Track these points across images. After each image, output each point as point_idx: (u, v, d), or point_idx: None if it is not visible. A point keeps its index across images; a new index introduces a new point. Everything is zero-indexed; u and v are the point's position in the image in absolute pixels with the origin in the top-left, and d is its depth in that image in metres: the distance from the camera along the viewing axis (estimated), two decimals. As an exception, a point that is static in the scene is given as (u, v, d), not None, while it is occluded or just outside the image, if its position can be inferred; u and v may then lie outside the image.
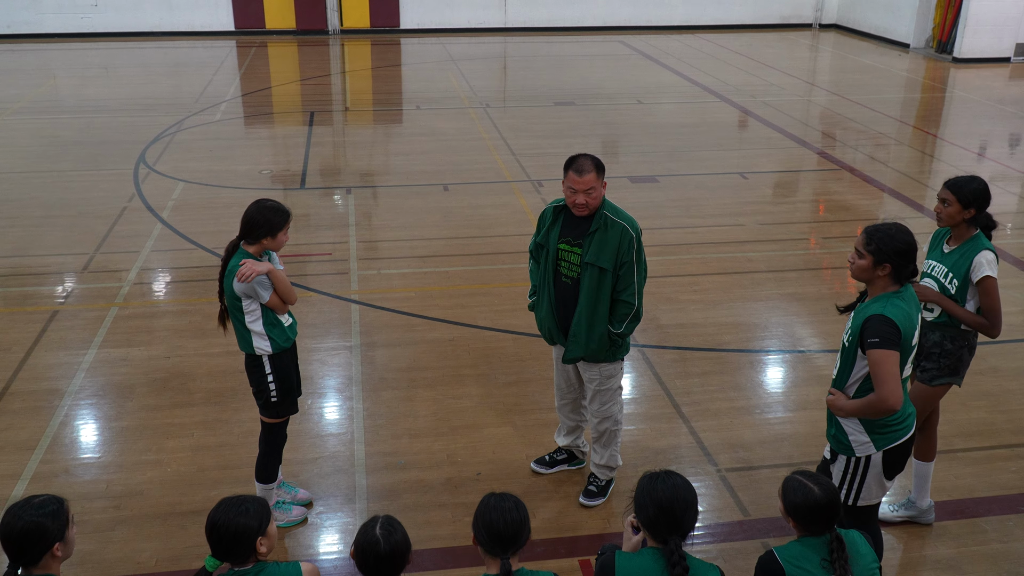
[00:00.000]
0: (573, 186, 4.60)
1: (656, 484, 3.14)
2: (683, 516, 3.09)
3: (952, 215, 4.53)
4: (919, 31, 21.65)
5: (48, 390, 6.41)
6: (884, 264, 3.77)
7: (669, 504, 3.08)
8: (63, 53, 20.64)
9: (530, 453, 5.69)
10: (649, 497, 3.13)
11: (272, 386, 4.75)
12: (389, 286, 8.18)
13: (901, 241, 3.77)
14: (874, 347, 3.70)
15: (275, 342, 4.69)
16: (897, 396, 3.71)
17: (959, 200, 4.50)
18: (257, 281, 4.51)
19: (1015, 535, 4.99)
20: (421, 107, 15.48)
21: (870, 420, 3.88)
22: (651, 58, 20.44)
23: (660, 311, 7.63)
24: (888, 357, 3.69)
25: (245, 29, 23.23)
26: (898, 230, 3.81)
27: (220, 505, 3.15)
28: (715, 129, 14.06)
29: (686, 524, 3.10)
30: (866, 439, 3.90)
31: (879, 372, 3.71)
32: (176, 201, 10.39)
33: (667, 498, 3.09)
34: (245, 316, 4.61)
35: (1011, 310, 7.81)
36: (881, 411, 3.77)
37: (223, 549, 3.10)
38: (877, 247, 3.77)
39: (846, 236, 9.51)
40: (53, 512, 3.06)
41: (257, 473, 4.95)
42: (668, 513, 3.08)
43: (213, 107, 15.17)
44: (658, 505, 3.10)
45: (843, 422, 3.95)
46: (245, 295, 4.55)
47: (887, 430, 3.89)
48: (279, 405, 4.83)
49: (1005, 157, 12.84)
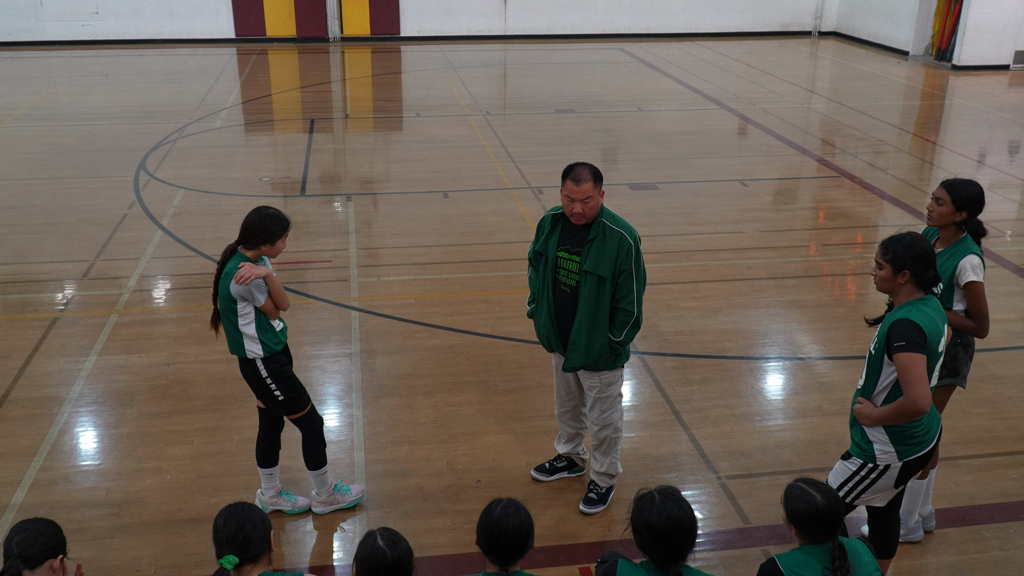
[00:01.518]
0: (570, 195, 4.62)
1: (651, 511, 3.07)
2: (680, 544, 3.05)
3: (944, 215, 4.54)
4: (918, 39, 21.69)
5: (48, 397, 6.40)
6: (903, 272, 3.83)
7: (664, 534, 3.04)
8: (64, 60, 20.68)
9: (530, 460, 5.68)
10: (643, 524, 3.08)
11: (273, 386, 4.80)
12: (389, 293, 8.18)
13: (918, 248, 3.82)
14: (901, 350, 3.73)
15: (267, 345, 4.72)
16: (927, 398, 3.72)
17: (953, 201, 4.51)
18: (254, 284, 4.55)
19: (1016, 543, 4.98)
20: (421, 114, 15.50)
21: (897, 430, 3.89)
22: (651, 65, 20.48)
23: (660, 318, 7.63)
24: (916, 360, 3.71)
25: (246, 37, 23.28)
26: (914, 238, 3.87)
27: (231, 508, 3.14)
28: (715, 136, 14.08)
29: (684, 550, 3.08)
30: (890, 449, 3.91)
31: (907, 375, 3.73)
32: (176, 208, 10.40)
33: (661, 527, 3.04)
34: (239, 319, 4.64)
35: (1011, 317, 7.81)
36: (911, 414, 3.78)
37: (252, 542, 3.08)
38: (894, 256, 3.83)
39: (846, 243, 9.51)
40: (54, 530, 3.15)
41: (307, 462, 5.06)
42: (664, 543, 3.04)
43: (213, 114, 15.20)
44: (653, 535, 3.05)
45: (869, 431, 3.96)
46: (241, 297, 4.59)
47: (912, 441, 3.91)
48: (293, 400, 4.88)
49: (1004, 164, 12.85)
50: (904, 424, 3.87)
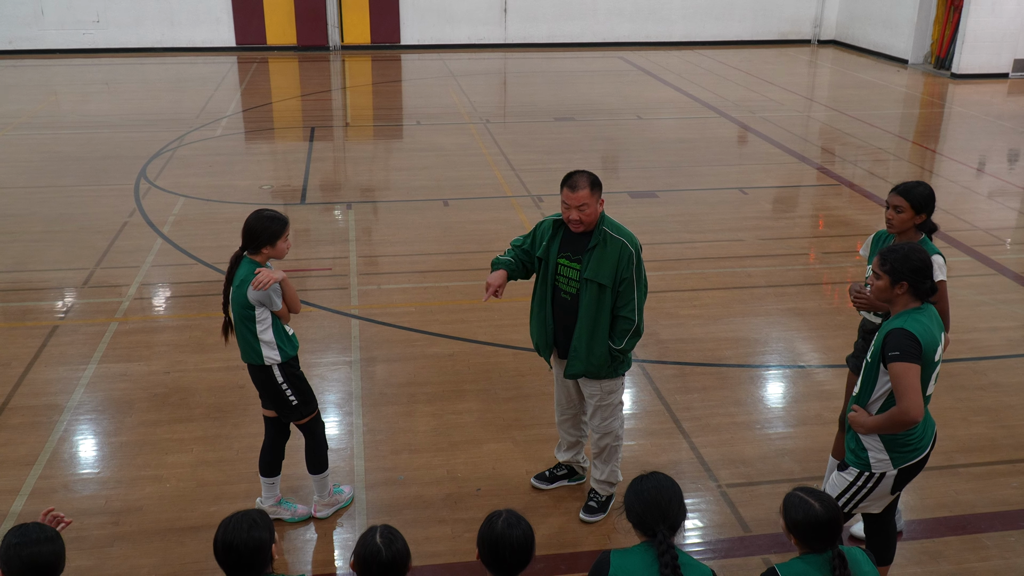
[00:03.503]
0: (567, 201, 4.64)
1: (641, 484, 3.24)
2: (668, 507, 3.17)
3: (904, 220, 4.61)
4: (917, 47, 21.74)
5: (47, 405, 6.40)
6: (901, 282, 3.85)
7: (654, 498, 3.18)
8: (65, 69, 20.72)
9: (530, 468, 5.68)
10: (635, 496, 3.22)
11: (288, 392, 4.83)
12: (389, 301, 8.18)
13: (916, 259, 3.85)
14: (895, 360, 3.75)
15: (283, 351, 4.76)
16: (919, 408, 3.74)
17: (912, 206, 4.57)
18: (272, 288, 4.58)
19: (1017, 551, 4.97)
20: (421, 122, 15.53)
21: (891, 437, 3.90)
22: (651, 74, 20.52)
23: (660, 326, 7.63)
24: (909, 370, 3.73)
25: (246, 45, 23.32)
26: (911, 249, 3.89)
27: (228, 526, 3.09)
28: (714, 144, 14.10)
29: (672, 515, 3.17)
30: (885, 456, 3.93)
31: (900, 385, 3.74)
32: (177, 216, 10.41)
33: (652, 492, 3.19)
34: (257, 325, 4.66)
35: (1011, 325, 7.82)
36: (903, 424, 3.79)
37: (244, 566, 3.06)
38: (892, 267, 3.86)
39: (846, 251, 9.52)
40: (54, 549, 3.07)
41: (310, 466, 5.09)
42: (654, 507, 3.16)
43: (214, 122, 15.22)
44: (644, 502, 3.19)
45: (863, 438, 3.98)
46: (259, 303, 4.60)
47: (907, 449, 3.93)
48: (305, 404, 4.92)
49: (1004, 172, 12.87)
50: (897, 432, 3.89)
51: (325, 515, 5.20)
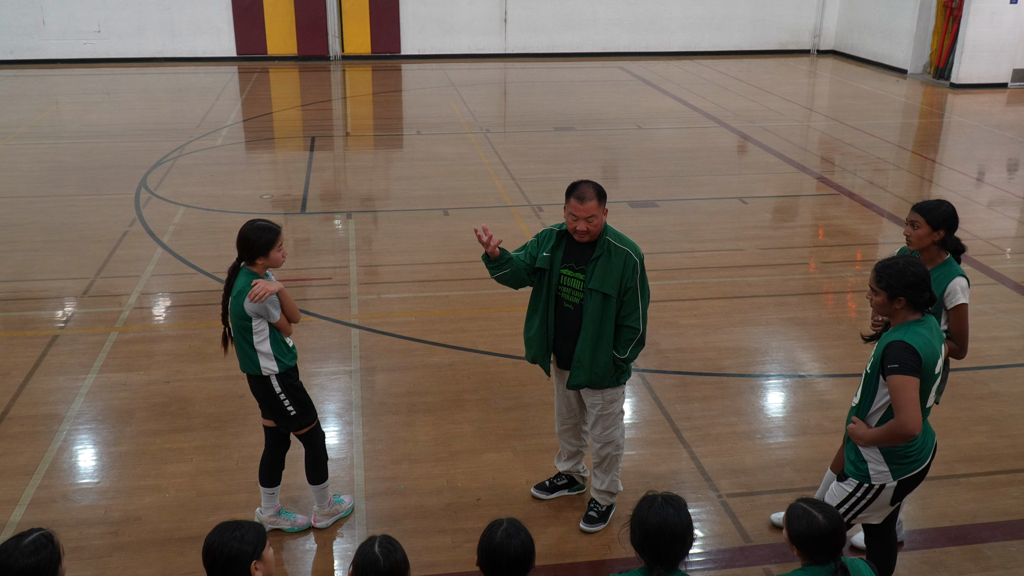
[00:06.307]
0: (575, 212, 4.62)
1: (648, 511, 3.15)
2: (668, 549, 3.10)
3: (921, 237, 4.59)
4: (916, 57, 21.79)
5: (47, 415, 6.39)
6: (898, 298, 3.83)
7: (655, 535, 3.10)
8: (66, 79, 20.77)
9: (530, 478, 5.67)
10: (639, 522, 3.15)
11: (286, 402, 4.83)
12: (389, 311, 8.18)
13: (911, 274, 3.82)
14: (894, 372, 3.74)
15: (281, 362, 4.75)
16: (917, 421, 3.72)
17: (928, 222, 4.55)
18: (269, 300, 4.58)
19: (1018, 561, 4.96)
20: (422, 132, 15.56)
21: (890, 449, 3.89)
22: (650, 84, 20.56)
23: (660, 336, 7.63)
24: (908, 383, 3.71)
25: (247, 55, 23.38)
26: (906, 263, 3.86)
27: (217, 528, 3.15)
28: (714, 154, 14.12)
29: (672, 556, 3.11)
30: (884, 468, 3.92)
31: (899, 398, 3.73)
32: (177, 226, 10.41)
33: (654, 528, 3.10)
34: (254, 336, 4.66)
35: (1011, 335, 7.81)
36: (901, 437, 3.78)
37: (217, 572, 3.08)
38: (888, 283, 3.84)
39: (846, 261, 9.52)
40: (48, 555, 2.98)
41: (310, 477, 5.08)
42: (653, 543, 3.10)
43: (214, 132, 15.25)
44: (644, 532, 3.12)
45: (863, 450, 3.97)
46: (256, 315, 4.60)
47: (906, 460, 3.91)
48: (304, 415, 4.91)
49: (1003, 182, 12.89)
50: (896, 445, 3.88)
51: (325, 525, 5.20)
